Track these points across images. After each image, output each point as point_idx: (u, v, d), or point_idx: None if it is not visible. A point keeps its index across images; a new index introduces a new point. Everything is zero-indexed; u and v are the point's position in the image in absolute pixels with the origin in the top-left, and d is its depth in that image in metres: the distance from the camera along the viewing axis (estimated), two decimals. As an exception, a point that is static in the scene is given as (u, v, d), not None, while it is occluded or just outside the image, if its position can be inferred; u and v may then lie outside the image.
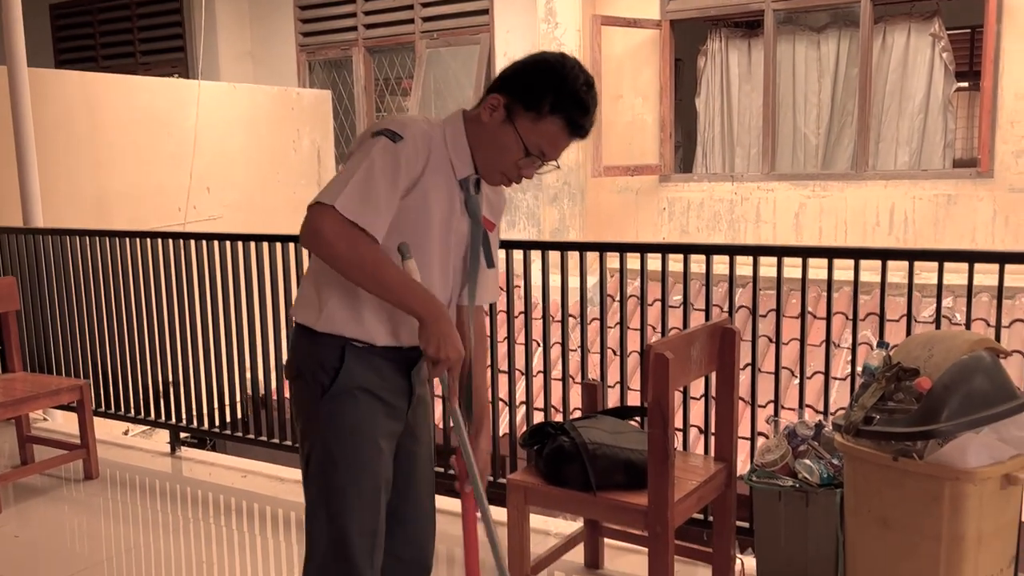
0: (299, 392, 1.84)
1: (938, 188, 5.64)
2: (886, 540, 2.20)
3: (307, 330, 1.79)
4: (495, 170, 1.81)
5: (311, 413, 1.81)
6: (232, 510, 3.53)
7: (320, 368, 1.78)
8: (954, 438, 2.06)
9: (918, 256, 2.62)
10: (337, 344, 1.77)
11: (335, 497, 1.80)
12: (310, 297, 1.80)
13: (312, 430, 1.81)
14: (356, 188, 1.64)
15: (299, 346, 1.82)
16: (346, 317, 1.76)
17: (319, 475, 1.82)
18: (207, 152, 6.34)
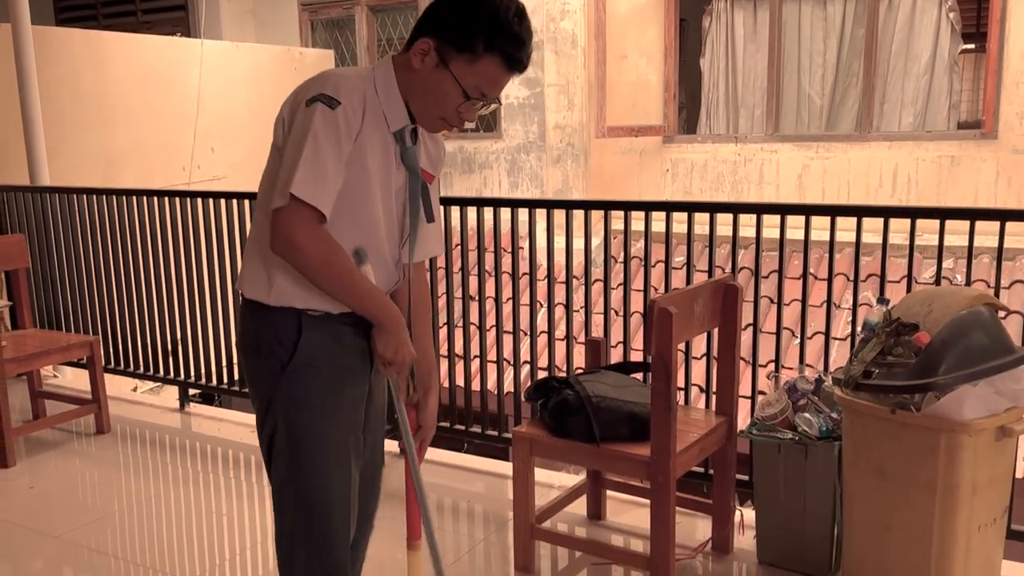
0: (256, 369, 1.76)
1: (942, 150, 5.64)
2: (883, 491, 2.26)
3: (258, 305, 1.72)
4: (434, 117, 1.72)
5: (271, 390, 1.73)
6: (240, 463, 3.60)
7: (277, 343, 1.71)
8: (951, 391, 2.10)
9: (920, 214, 2.64)
10: (292, 316, 1.71)
11: (304, 475, 1.75)
12: (257, 271, 1.73)
13: (273, 407, 1.74)
14: (307, 169, 1.58)
15: (251, 322, 1.75)
16: (299, 288, 1.70)
17: (285, 453, 1.75)
18: (210, 112, 6.33)
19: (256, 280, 1.73)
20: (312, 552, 1.78)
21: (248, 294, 1.74)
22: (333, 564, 1.80)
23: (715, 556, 2.71)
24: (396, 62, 1.73)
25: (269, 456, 1.78)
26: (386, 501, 2.15)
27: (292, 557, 1.80)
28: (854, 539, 2.36)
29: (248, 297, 1.74)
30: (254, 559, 2.80)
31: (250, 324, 1.76)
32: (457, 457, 3.67)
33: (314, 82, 1.66)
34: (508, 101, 7.20)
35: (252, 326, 1.75)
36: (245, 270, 1.77)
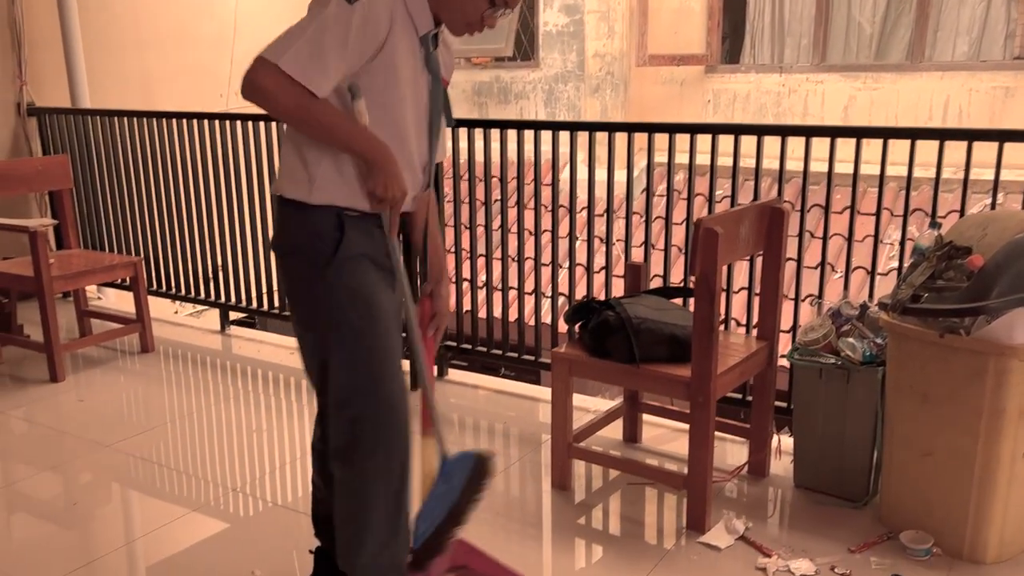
0: (296, 268, 1.77)
1: (996, 80, 5.44)
2: (926, 415, 2.24)
3: (298, 204, 1.74)
4: (461, 22, 1.77)
5: (314, 286, 1.75)
6: (280, 383, 3.66)
7: (318, 239, 1.73)
8: (1003, 315, 2.06)
9: (977, 136, 2.56)
10: (332, 214, 1.73)
11: (365, 361, 1.74)
12: (296, 169, 1.74)
13: (320, 304, 1.74)
14: (304, 48, 1.60)
15: (290, 221, 1.77)
16: (338, 186, 1.73)
17: (337, 346, 1.73)
18: (248, 37, 6.27)
19: (295, 179, 1.74)
20: (383, 443, 1.77)
21: (288, 193, 1.75)
22: (404, 457, 1.80)
23: (751, 479, 2.72)
24: None
25: (324, 350, 1.74)
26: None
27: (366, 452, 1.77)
28: (894, 464, 2.36)
29: (288, 197, 1.75)
30: (293, 473, 2.87)
31: (289, 223, 1.77)
32: (493, 381, 3.70)
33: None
34: (547, 28, 7.05)
35: (291, 225, 1.77)
36: (283, 169, 1.78)
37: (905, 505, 2.33)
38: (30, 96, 4.74)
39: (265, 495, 2.71)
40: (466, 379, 3.69)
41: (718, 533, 2.39)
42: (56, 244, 4.40)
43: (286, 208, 1.77)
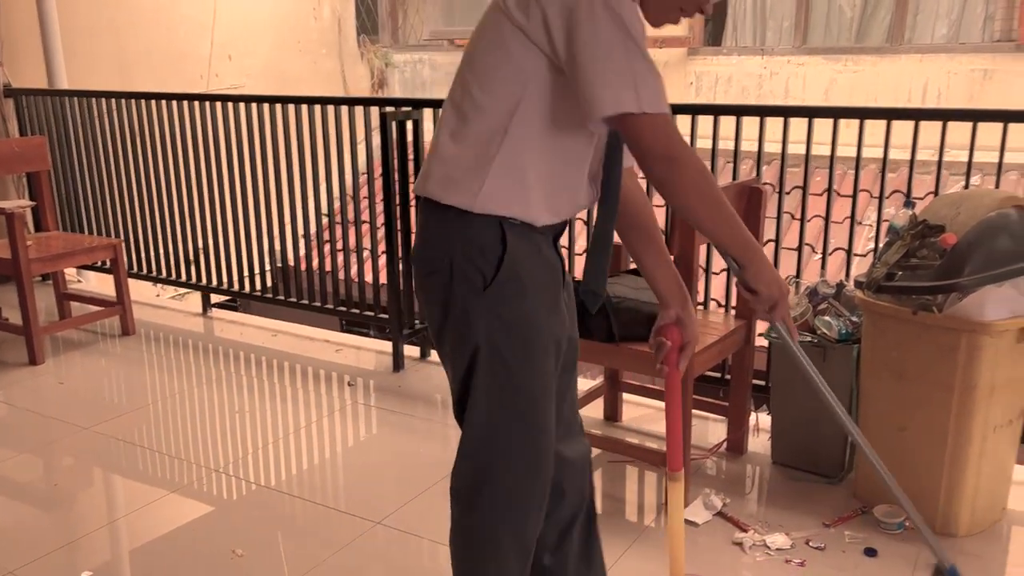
0: (447, 286, 1.53)
1: (975, 63, 5.48)
2: (900, 392, 2.27)
3: (457, 212, 1.50)
4: (672, 7, 1.52)
5: (470, 309, 1.52)
6: (263, 364, 3.66)
7: (479, 254, 1.50)
8: (974, 292, 2.09)
9: (952, 116, 2.58)
10: (495, 223, 1.50)
11: (515, 401, 1.54)
12: (460, 174, 1.51)
13: (474, 329, 1.52)
14: (646, 73, 1.38)
15: (445, 231, 1.52)
16: (510, 195, 1.50)
17: (490, 380, 1.53)
18: (227, 19, 6.23)
19: (458, 185, 1.51)
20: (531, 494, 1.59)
21: (447, 199, 1.51)
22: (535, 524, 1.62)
23: (730, 456, 2.75)
24: None
25: (467, 381, 1.55)
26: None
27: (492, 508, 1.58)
28: (869, 439, 2.38)
29: (445, 203, 1.51)
30: (276, 454, 2.88)
31: (442, 234, 1.53)
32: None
33: None
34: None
35: (445, 236, 1.53)
36: (440, 176, 1.53)
37: (879, 480, 2.37)
38: (7, 77, 4.68)
39: (248, 476, 2.72)
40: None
41: (696, 509, 2.42)
42: (34, 226, 4.37)
43: (439, 214, 1.53)
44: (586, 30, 1.38)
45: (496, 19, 1.48)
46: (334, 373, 3.56)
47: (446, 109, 1.56)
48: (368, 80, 7.52)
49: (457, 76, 1.57)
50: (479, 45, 1.52)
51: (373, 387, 3.42)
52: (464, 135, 1.51)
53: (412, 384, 3.43)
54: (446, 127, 1.54)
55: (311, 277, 3.99)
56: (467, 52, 1.56)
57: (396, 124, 3.40)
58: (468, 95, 1.50)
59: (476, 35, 1.54)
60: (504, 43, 1.47)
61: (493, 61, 1.48)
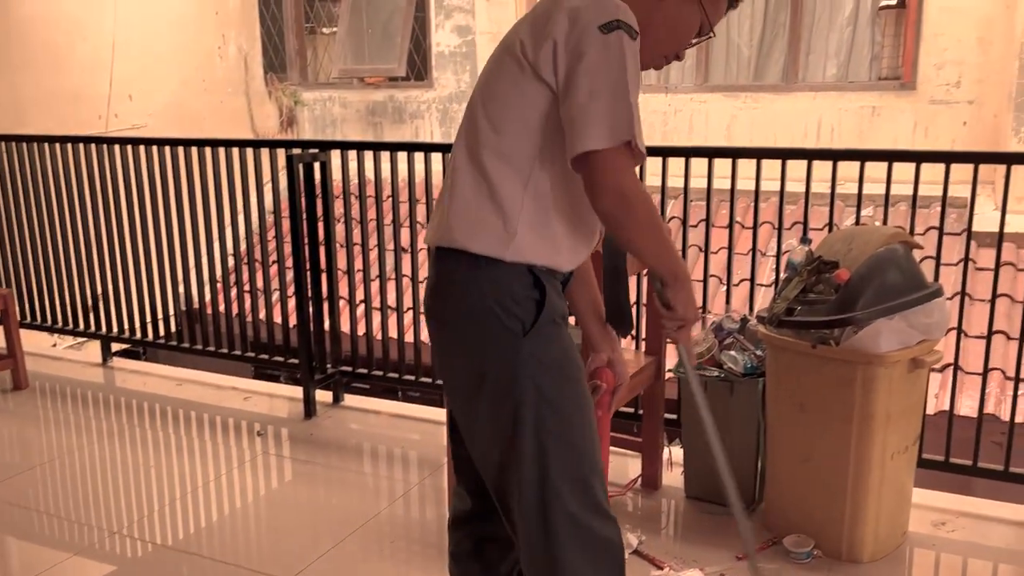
0: (483, 338, 1.49)
1: (864, 100, 5.78)
2: (803, 423, 2.34)
3: (489, 260, 1.48)
4: (661, 54, 1.59)
5: (512, 359, 1.49)
6: (168, 416, 3.53)
7: (514, 301, 1.48)
8: (868, 325, 2.18)
9: (842, 156, 2.71)
10: (525, 271, 1.49)
11: (568, 448, 1.50)
12: (489, 221, 1.48)
13: (518, 379, 1.48)
14: (625, 106, 1.41)
15: (476, 280, 1.49)
16: (541, 243, 1.49)
17: (538, 426, 1.49)
18: (128, 58, 6.07)
19: (489, 233, 1.48)
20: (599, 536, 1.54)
21: (476, 248, 1.48)
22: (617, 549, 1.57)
23: (645, 492, 2.78)
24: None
25: (514, 438, 1.49)
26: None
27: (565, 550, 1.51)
28: (776, 471, 2.45)
29: (475, 252, 1.48)
30: (184, 509, 2.76)
31: (473, 282, 1.49)
32: (391, 405, 3.67)
33: (593, 2, 1.44)
34: (439, 49, 7.09)
35: (477, 284, 1.49)
36: (468, 222, 1.49)
37: (788, 511, 2.43)
38: None
39: (152, 536, 2.60)
40: (364, 404, 3.65)
41: (613, 548, 2.43)
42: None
43: (469, 264, 1.49)
44: (587, 65, 1.40)
45: (510, 63, 1.48)
46: (243, 422, 3.46)
47: (459, 155, 1.52)
48: (276, 118, 7.42)
49: (468, 121, 1.54)
50: (493, 89, 1.51)
51: (284, 436, 3.33)
52: (487, 183, 1.48)
53: (325, 431, 3.36)
54: (464, 174, 1.50)
55: (218, 321, 3.88)
56: (478, 96, 1.54)
57: (303, 166, 3.36)
58: (486, 141, 1.49)
59: (488, 79, 1.53)
60: (518, 84, 1.48)
61: (508, 104, 1.48)
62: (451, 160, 1.55)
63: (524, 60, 1.46)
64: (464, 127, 1.55)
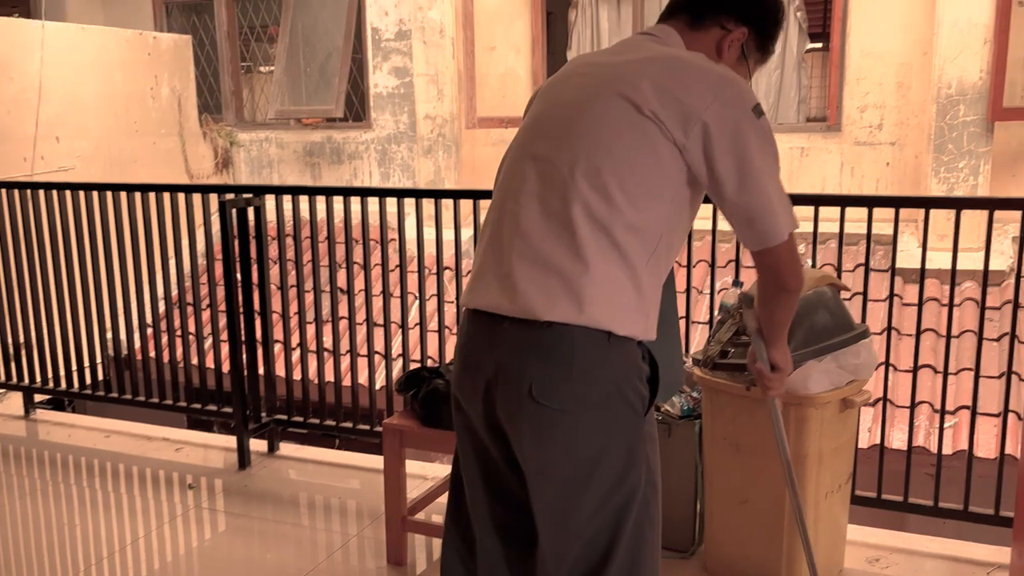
0: (609, 417, 1.44)
1: (792, 141, 5.96)
2: (739, 465, 2.36)
3: (624, 340, 1.42)
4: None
5: (635, 441, 1.46)
6: (95, 471, 3.40)
7: (639, 380, 1.47)
8: (799, 367, 2.22)
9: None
10: (636, 344, 1.46)
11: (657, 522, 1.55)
12: (630, 302, 1.42)
13: (638, 462, 1.46)
14: (785, 192, 1.48)
15: (612, 362, 1.42)
16: (650, 316, 1.48)
17: (644, 516, 1.49)
18: (54, 99, 5.93)
19: (631, 310, 1.42)
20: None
21: (621, 329, 1.41)
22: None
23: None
24: (687, 40, 1.55)
25: (620, 527, 1.46)
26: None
27: None
28: (714, 513, 2.47)
29: (619, 333, 1.41)
30: (111, 570, 2.65)
31: (610, 365, 1.42)
32: (329, 454, 3.60)
33: (733, 84, 1.45)
34: (377, 90, 7.10)
35: (614, 367, 1.43)
36: (604, 297, 1.40)
37: (727, 552, 2.44)
38: None
39: (73, 600, 2.49)
40: (301, 453, 3.57)
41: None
42: None
43: (604, 344, 1.41)
44: (755, 158, 1.41)
45: (641, 129, 1.41)
46: (175, 474, 3.35)
47: (580, 221, 1.39)
48: (211, 159, 7.32)
49: (577, 172, 1.41)
50: (622, 154, 1.41)
51: (217, 488, 3.23)
52: (623, 259, 1.41)
53: (260, 482, 3.27)
54: (594, 245, 1.39)
55: (148, 368, 3.76)
56: (598, 154, 1.42)
57: (237, 211, 3.30)
58: (619, 213, 1.39)
59: (607, 136, 1.42)
60: (658, 160, 1.41)
61: (645, 178, 1.42)
62: (547, 215, 1.42)
63: (666, 136, 1.40)
64: (573, 183, 1.41)
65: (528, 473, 1.49)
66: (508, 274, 1.44)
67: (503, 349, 1.44)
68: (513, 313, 1.42)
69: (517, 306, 1.41)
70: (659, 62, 1.47)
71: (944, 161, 5.33)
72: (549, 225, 1.42)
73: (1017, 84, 5.21)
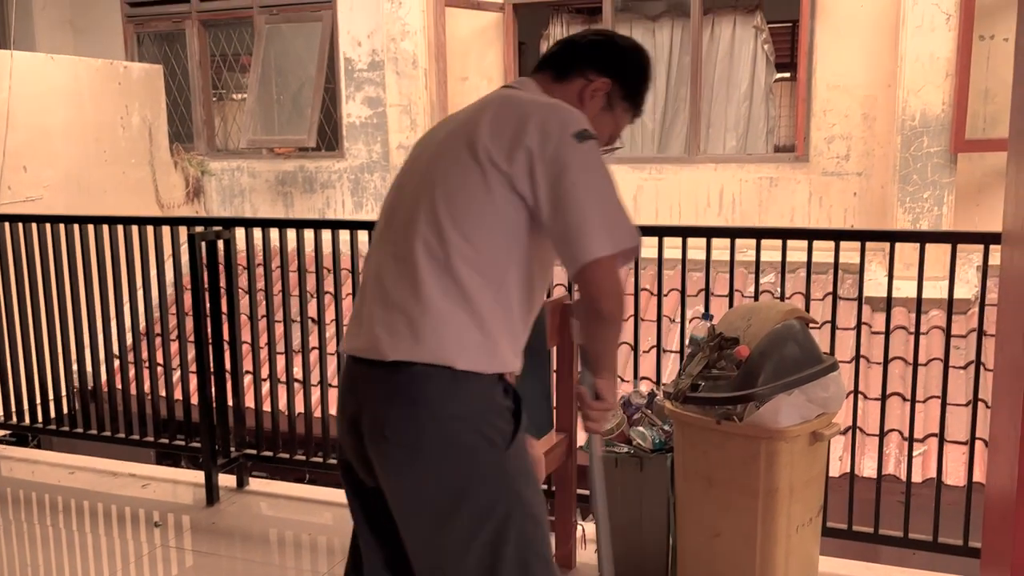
0: (464, 454, 1.43)
1: (762, 171, 6.04)
2: (711, 498, 2.36)
3: (470, 375, 1.43)
4: (603, 136, 1.65)
5: (498, 475, 1.45)
6: (59, 508, 3.32)
7: (497, 415, 1.46)
8: (769, 400, 2.23)
9: (738, 234, 2.82)
10: (496, 380, 1.48)
11: (546, 564, 1.51)
12: (470, 335, 1.43)
13: (502, 495, 1.44)
14: (622, 212, 1.46)
15: (459, 396, 1.43)
16: (511, 348, 1.49)
17: (521, 543, 1.46)
18: (22, 128, 5.87)
19: (472, 344, 1.43)
20: None
21: (461, 363, 1.42)
22: None
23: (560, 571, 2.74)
24: (549, 91, 1.61)
25: (495, 557, 1.44)
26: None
27: None
28: (687, 546, 2.46)
29: (460, 368, 1.42)
30: (72, 613, 2.59)
31: (456, 400, 1.43)
32: (300, 489, 3.55)
33: (560, 112, 1.50)
34: (350, 120, 7.11)
35: (460, 402, 1.43)
36: (442, 332, 1.42)
37: (700, 586, 2.44)
38: None
39: (33, 644, 2.42)
40: (270, 488, 3.52)
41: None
42: None
43: (454, 380, 1.42)
44: (574, 179, 1.42)
45: (473, 167, 1.46)
46: (141, 511, 3.28)
47: (421, 259, 1.45)
48: (182, 188, 7.27)
49: (422, 219, 1.47)
50: (456, 191, 1.46)
51: (185, 525, 3.17)
52: (463, 293, 1.43)
53: (228, 519, 3.21)
54: (433, 282, 1.43)
55: (115, 401, 3.70)
56: (436, 192, 1.48)
57: (206, 244, 3.28)
58: (456, 249, 1.44)
59: (445, 176, 1.48)
60: (490, 192, 1.45)
61: (479, 212, 1.46)
62: (392, 260, 1.49)
63: (494, 168, 1.45)
64: (414, 227, 1.48)
65: (395, 513, 1.51)
66: (367, 318, 1.52)
67: (362, 391, 1.51)
68: (366, 355, 1.49)
69: (370, 348, 1.49)
70: (497, 103, 1.54)
71: (909, 191, 5.42)
72: (397, 267, 1.50)
73: (979, 117, 5.34)
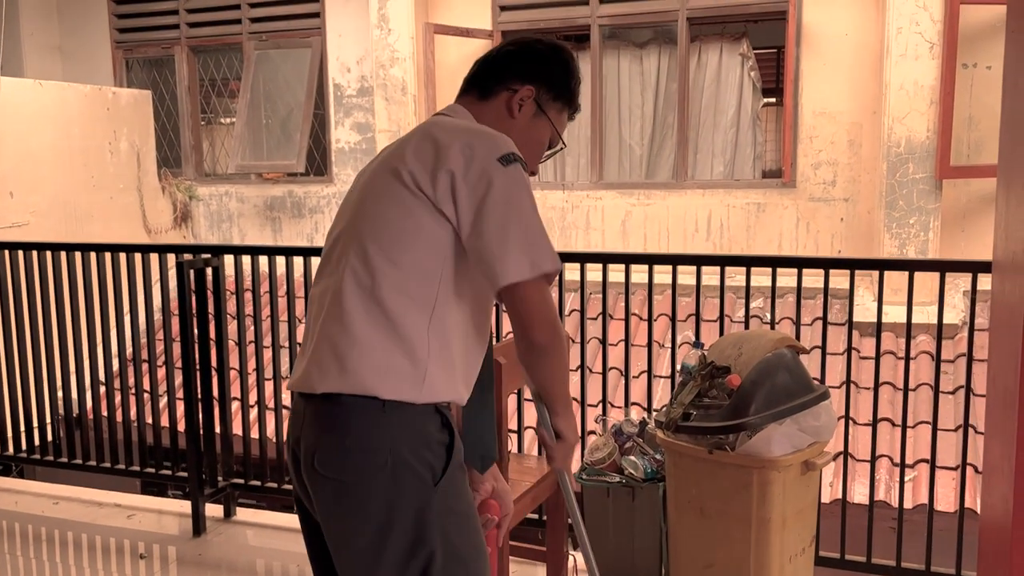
0: (391, 489, 1.40)
1: (749, 197, 6.08)
2: (704, 528, 2.35)
3: (398, 405, 1.41)
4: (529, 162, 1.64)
5: (424, 508, 1.41)
6: (42, 540, 3.27)
7: (426, 447, 1.43)
8: (761, 430, 2.23)
9: (728, 262, 2.82)
10: (432, 411, 1.45)
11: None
12: (397, 363, 1.41)
13: (429, 531, 1.41)
14: (542, 236, 1.44)
15: (386, 427, 1.41)
16: (446, 377, 1.46)
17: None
18: (9, 154, 5.85)
19: (400, 373, 1.41)
20: None
21: (385, 393, 1.40)
22: None
23: (550, 603, 2.71)
24: (477, 112, 1.62)
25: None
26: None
27: None
28: (680, 577, 2.44)
29: (385, 397, 1.40)
30: (55, 649, 2.54)
31: (384, 430, 1.41)
32: (287, 519, 3.50)
33: (485, 137, 1.49)
34: (339, 145, 7.12)
35: (388, 432, 1.41)
36: (367, 362, 1.41)
37: (692, 617, 2.41)
38: None
39: None
40: (258, 518, 3.47)
41: (519, 667, 2.35)
42: None
43: (376, 410, 1.40)
44: (495, 200, 1.41)
45: (398, 192, 1.45)
46: (126, 542, 3.24)
47: (348, 291, 1.44)
48: (170, 214, 7.25)
49: (352, 252, 1.46)
50: (382, 220, 1.46)
51: (171, 557, 3.13)
52: (390, 321, 1.42)
53: (215, 550, 3.17)
54: (359, 312, 1.43)
55: (100, 429, 3.65)
56: (363, 225, 1.48)
57: (195, 272, 3.26)
58: (383, 276, 1.43)
59: (372, 208, 1.48)
60: (414, 216, 1.44)
61: (405, 238, 1.45)
62: (328, 293, 1.48)
63: (418, 191, 1.44)
64: (345, 258, 1.48)
65: (328, 545, 1.50)
66: (304, 352, 1.53)
67: (298, 425, 1.51)
68: (301, 388, 1.48)
69: (303, 382, 1.48)
70: (423, 129, 1.54)
71: (896, 217, 5.46)
72: (330, 300, 1.48)
73: (963, 143, 5.40)
